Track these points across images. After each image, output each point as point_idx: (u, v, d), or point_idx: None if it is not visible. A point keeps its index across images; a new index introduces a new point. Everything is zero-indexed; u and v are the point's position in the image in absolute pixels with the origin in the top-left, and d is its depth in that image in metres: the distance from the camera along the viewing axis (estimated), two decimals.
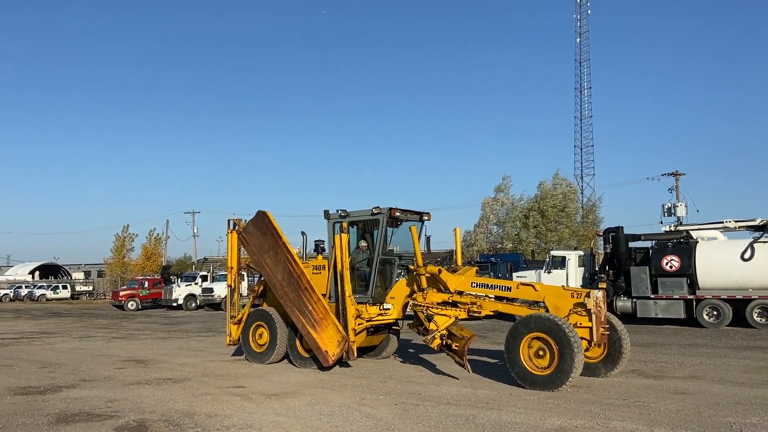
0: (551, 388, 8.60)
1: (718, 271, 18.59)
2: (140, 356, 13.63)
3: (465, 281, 10.59)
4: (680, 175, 40.78)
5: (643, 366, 10.94)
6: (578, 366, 8.59)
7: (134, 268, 56.28)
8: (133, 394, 9.05)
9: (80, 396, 8.94)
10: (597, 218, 43.88)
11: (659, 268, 19.38)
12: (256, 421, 7.19)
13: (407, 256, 11.58)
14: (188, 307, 34.19)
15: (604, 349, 9.55)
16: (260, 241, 11.84)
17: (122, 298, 36.77)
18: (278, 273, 11.45)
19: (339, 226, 11.23)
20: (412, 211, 11.69)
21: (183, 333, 19.89)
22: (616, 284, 20.21)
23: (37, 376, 10.95)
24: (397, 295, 11.21)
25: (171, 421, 7.27)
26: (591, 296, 9.07)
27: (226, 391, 9.19)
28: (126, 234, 60.42)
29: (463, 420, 7.11)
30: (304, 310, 10.95)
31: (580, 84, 51.08)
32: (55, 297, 53.30)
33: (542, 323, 8.91)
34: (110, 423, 7.22)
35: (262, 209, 11.94)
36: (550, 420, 7.03)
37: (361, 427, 6.89)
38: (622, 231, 20.71)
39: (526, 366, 8.95)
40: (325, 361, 10.64)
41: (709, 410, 7.42)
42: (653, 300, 19.43)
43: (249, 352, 12.10)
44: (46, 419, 7.47)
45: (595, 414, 7.27)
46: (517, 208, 44.07)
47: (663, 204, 36.48)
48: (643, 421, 6.91)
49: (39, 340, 18.06)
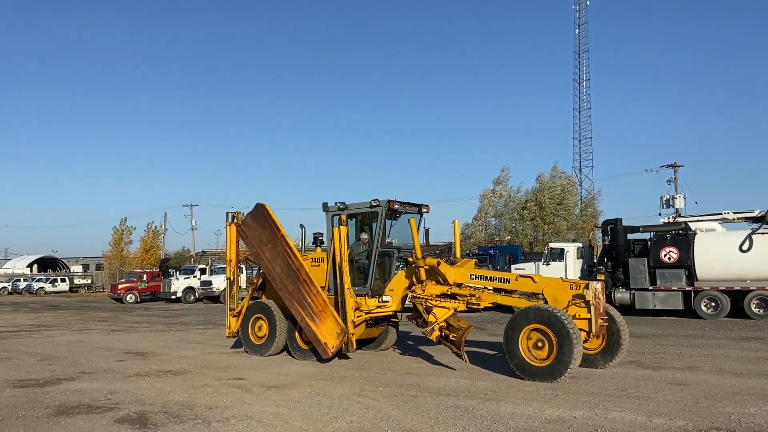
0: (550, 379, 8.63)
1: (717, 263, 18.63)
2: (140, 349, 13.65)
3: (464, 273, 10.59)
4: (679, 167, 40.79)
5: (641, 357, 10.98)
6: (577, 357, 8.61)
7: (133, 261, 56.27)
8: (133, 386, 9.07)
9: (80, 388, 8.96)
10: (596, 210, 43.96)
11: (658, 259, 19.42)
12: (256, 413, 7.21)
13: (406, 248, 11.58)
14: (187, 299, 34.20)
15: (603, 340, 9.58)
16: (259, 233, 11.83)
17: (121, 291, 36.77)
18: (277, 265, 11.44)
19: (338, 219, 11.22)
20: (411, 203, 11.68)
21: (182, 325, 19.91)
22: (614, 276, 20.25)
23: (36, 368, 10.96)
24: (396, 287, 11.22)
25: (171, 412, 7.29)
26: (590, 288, 9.08)
27: (225, 383, 9.21)
28: (124, 227, 60.50)
29: (462, 411, 7.14)
30: (303, 302, 10.96)
31: (578, 76, 51.09)
32: (54, 290, 53.37)
33: (541, 315, 8.93)
34: (111, 415, 7.23)
35: (260, 202, 11.96)
36: (548, 411, 7.06)
37: (361, 418, 6.91)
38: (620, 223, 20.75)
39: (525, 357, 8.98)
40: (325, 353, 10.66)
41: (707, 401, 7.45)
42: (651, 291, 19.48)
43: (248, 345, 12.11)
44: (46, 411, 7.48)
45: (594, 405, 7.30)
46: (515, 200, 44.12)
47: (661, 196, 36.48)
48: (642, 411, 6.94)
49: (38, 333, 18.07)
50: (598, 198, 45.47)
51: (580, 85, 50.83)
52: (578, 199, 44.99)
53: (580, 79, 50.90)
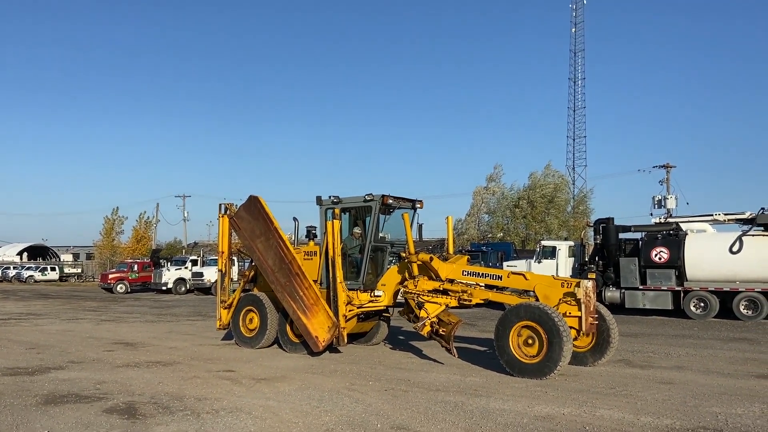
0: (539, 376, 8.68)
1: (707, 264, 18.75)
2: (129, 339, 13.60)
3: (456, 269, 10.61)
4: (671, 167, 41.02)
5: (630, 356, 11.05)
6: (566, 355, 8.66)
7: (123, 251, 56.04)
8: (122, 376, 9.04)
9: (69, 377, 8.92)
10: (588, 209, 44.10)
11: (648, 259, 19.52)
12: (246, 405, 7.21)
13: (399, 243, 11.58)
14: (178, 291, 34.09)
15: (593, 338, 9.63)
16: (252, 225, 11.79)
17: (111, 281, 36.60)
18: (269, 258, 11.42)
19: (331, 213, 11.20)
20: (405, 198, 11.68)
21: (172, 317, 19.85)
22: (605, 275, 20.35)
23: (25, 357, 10.91)
24: (389, 282, 11.22)
25: (160, 403, 7.27)
26: (581, 286, 9.13)
27: (215, 374, 9.19)
28: (116, 217, 60.17)
29: (452, 406, 7.16)
30: (295, 295, 10.94)
31: (574, 75, 51.11)
32: (44, 279, 53.05)
33: (532, 312, 8.97)
34: (99, 405, 7.21)
35: (254, 194, 11.90)
36: (537, 407, 7.10)
37: (351, 411, 6.92)
38: (612, 222, 20.82)
39: (515, 354, 9.02)
40: (316, 346, 10.66)
41: (694, 400, 7.51)
42: (641, 291, 19.59)
43: (239, 337, 12.10)
44: (35, 400, 7.45)
45: (582, 402, 7.35)
46: (507, 197, 44.18)
47: (653, 196, 36.77)
48: (630, 409, 6.99)
49: (27, 322, 17.97)
50: (589, 196, 45.66)
51: (576, 84, 50.91)
52: (570, 198, 45.11)
53: (575, 78, 50.97)
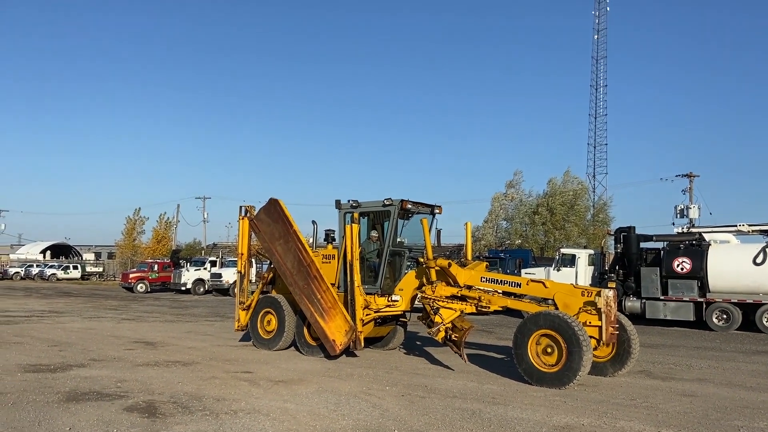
0: (558, 385, 8.59)
1: (730, 275, 18.43)
2: (149, 338, 13.75)
3: (475, 276, 10.57)
4: (694, 176, 40.33)
5: (651, 367, 10.90)
6: (586, 364, 8.57)
7: (144, 251, 56.71)
8: (142, 375, 9.14)
9: (90, 375, 9.04)
10: (608, 217, 43.69)
11: (670, 269, 19.24)
12: (264, 407, 7.24)
13: (417, 248, 11.57)
14: (196, 291, 34.37)
15: (613, 348, 9.52)
16: (271, 228, 11.87)
17: (132, 281, 37.02)
18: (288, 261, 11.48)
19: (350, 217, 11.24)
20: (424, 203, 11.67)
21: (191, 317, 20.03)
22: (625, 284, 20.09)
23: (47, 354, 11.08)
24: (406, 287, 11.21)
25: (179, 403, 7.34)
26: (602, 295, 9.03)
27: (233, 375, 9.25)
28: (137, 217, 61.00)
29: (470, 414, 7.12)
30: (312, 298, 10.98)
31: (596, 81, 50.76)
32: (66, 277, 53.83)
33: (551, 320, 8.89)
34: (120, 403, 7.30)
35: (274, 197, 12.00)
36: (556, 417, 7.03)
37: (368, 416, 6.92)
38: (633, 231, 20.56)
39: (534, 363, 8.94)
40: (333, 350, 10.68)
41: (716, 413, 7.38)
42: (663, 301, 19.30)
43: (257, 338, 12.17)
44: (57, 397, 7.56)
45: (602, 413, 7.26)
46: (526, 204, 43.92)
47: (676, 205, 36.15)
48: (651, 421, 6.89)
49: (49, 319, 18.25)
50: (610, 204, 45.18)
51: (597, 91, 50.58)
52: (590, 205, 44.69)
53: (597, 84, 50.63)
